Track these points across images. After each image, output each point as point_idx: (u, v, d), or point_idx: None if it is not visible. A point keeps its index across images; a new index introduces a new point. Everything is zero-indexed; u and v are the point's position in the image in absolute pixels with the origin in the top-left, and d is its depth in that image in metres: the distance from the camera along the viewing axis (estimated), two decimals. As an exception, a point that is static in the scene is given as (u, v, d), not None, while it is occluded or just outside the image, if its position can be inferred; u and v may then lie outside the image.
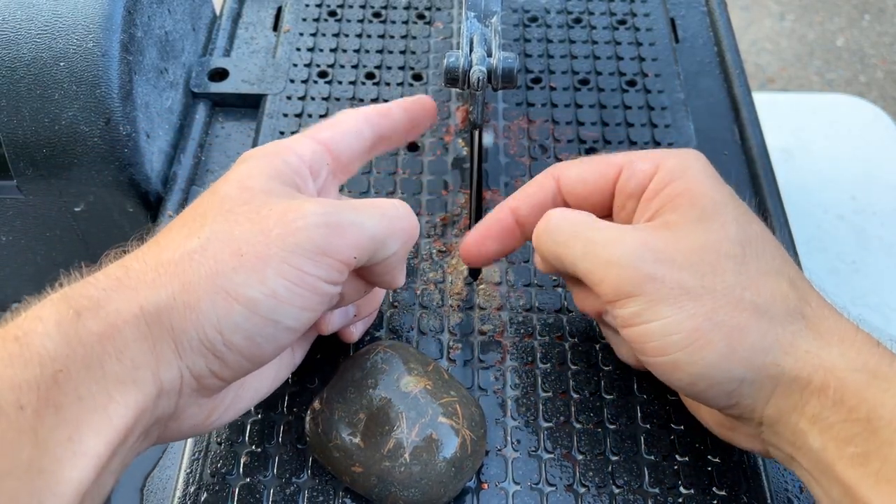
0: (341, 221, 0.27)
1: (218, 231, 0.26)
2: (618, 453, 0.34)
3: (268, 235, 0.26)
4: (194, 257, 0.26)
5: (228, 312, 0.25)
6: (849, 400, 0.26)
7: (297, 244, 0.26)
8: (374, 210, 0.29)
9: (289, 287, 0.26)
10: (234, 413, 0.30)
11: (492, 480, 0.33)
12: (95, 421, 0.23)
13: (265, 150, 0.30)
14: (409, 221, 0.30)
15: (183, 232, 0.27)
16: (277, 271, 0.26)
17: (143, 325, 0.24)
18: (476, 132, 0.38)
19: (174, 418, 0.27)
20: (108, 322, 0.24)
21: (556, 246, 0.31)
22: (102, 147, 0.41)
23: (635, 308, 0.28)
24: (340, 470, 0.32)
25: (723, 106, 0.50)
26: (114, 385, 0.23)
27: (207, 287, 0.25)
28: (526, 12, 0.54)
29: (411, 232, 0.31)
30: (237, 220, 0.27)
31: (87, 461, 0.22)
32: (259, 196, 0.28)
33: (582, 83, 0.50)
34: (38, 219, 0.45)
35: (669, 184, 0.30)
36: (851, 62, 1.72)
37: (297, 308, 0.26)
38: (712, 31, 0.54)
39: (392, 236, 0.29)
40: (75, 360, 0.23)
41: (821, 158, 0.79)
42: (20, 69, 0.39)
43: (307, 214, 0.27)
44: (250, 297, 0.25)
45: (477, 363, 0.37)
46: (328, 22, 0.53)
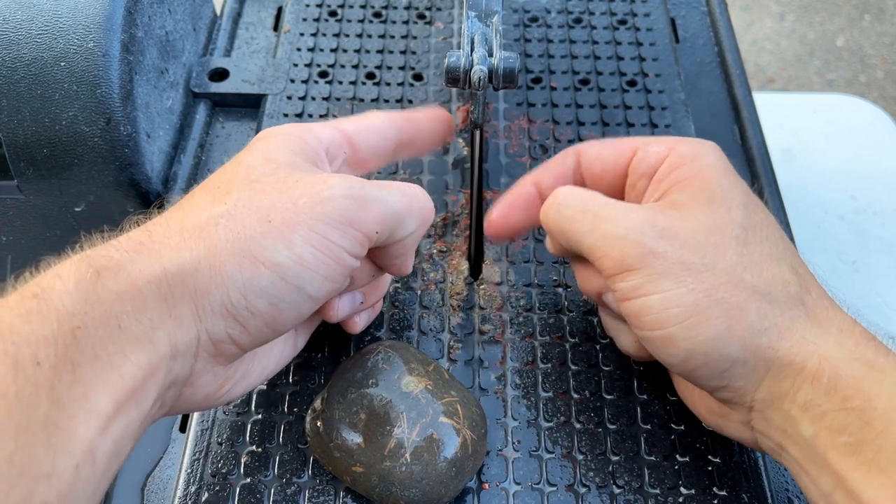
0: (366, 195, 0.28)
1: (245, 198, 0.27)
2: (618, 453, 0.34)
3: (296, 203, 0.27)
4: (220, 222, 0.26)
5: (255, 276, 0.25)
6: (843, 389, 0.26)
7: (324, 213, 0.27)
8: (396, 188, 0.30)
9: (315, 254, 0.26)
10: (243, 388, 0.30)
11: (492, 480, 0.33)
12: (109, 379, 0.23)
13: (286, 128, 0.31)
14: (426, 202, 0.31)
15: (208, 198, 0.27)
16: (304, 238, 0.26)
17: (165, 287, 0.24)
18: (477, 132, 0.38)
19: (189, 384, 0.27)
20: (128, 282, 0.24)
21: (563, 221, 0.32)
22: (103, 147, 0.41)
23: (636, 281, 0.29)
24: (341, 470, 0.32)
25: (723, 106, 0.50)
26: (129, 344, 0.23)
27: (234, 251, 0.25)
28: (526, 12, 0.54)
29: (428, 213, 0.32)
30: (264, 188, 0.27)
31: (97, 419, 0.22)
32: (284, 168, 0.28)
33: (582, 83, 0.50)
34: (39, 219, 0.45)
35: (680, 167, 0.31)
36: (852, 62, 1.72)
37: (321, 276, 0.27)
38: (713, 31, 0.54)
39: (411, 214, 0.30)
40: (94, 317, 0.23)
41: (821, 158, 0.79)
42: (21, 69, 0.39)
43: (334, 186, 0.27)
44: (278, 262, 0.26)
45: (477, 363, 0.37)
46: (328, 22, 0.53)
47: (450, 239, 0.42)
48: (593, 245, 0.30)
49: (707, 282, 0.28)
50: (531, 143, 0.46)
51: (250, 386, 0.31)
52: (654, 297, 0.28)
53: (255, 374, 0.31)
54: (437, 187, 0.44)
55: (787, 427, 0.27)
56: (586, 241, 0.31)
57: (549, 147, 0.46)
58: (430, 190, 0.44)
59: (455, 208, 0.43)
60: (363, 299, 0.34)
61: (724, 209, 0.29)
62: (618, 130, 0.47)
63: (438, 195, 0.44)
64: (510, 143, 0.46)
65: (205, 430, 0.35)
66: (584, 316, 0.39)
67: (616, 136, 0.47)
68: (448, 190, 0.44)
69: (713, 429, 0.32)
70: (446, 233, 0.42)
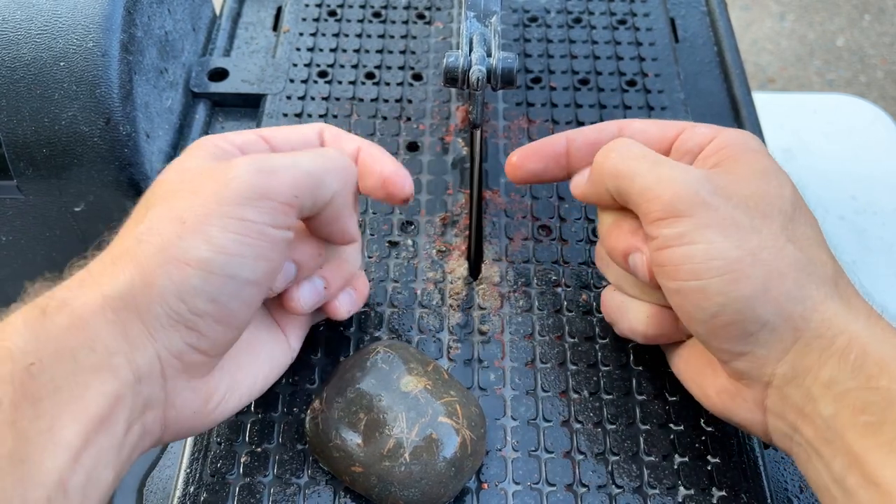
0: (273, 165, 0.28)
1: (160, 210, 0.27)
2: (617, 453, 0.34)
3: (205, 196, 0.27)
4: (142, 237, 0.26)
5: (184, 278, 0.25)
6: (869, 368, 0.26)
7: (232, 194, 0.27)
8: (309, 152, 0.30)
9: (236, 239, 0.26)
10: (238, 399, 0.30)
11: (492, 480, 0.33)
12: (73, 410, 0.23)
13: (199, 140, 0.32)
14: (343, 161, 0.31)
15: (130, 223, 0.28)
16: (220, 226, 0.26)
17: (110, 313, 0.25)
18: (476, 132, 0.38)
19: (170, 406, 0.27)
20: (74, 315, 0.24)
21: (622, 161, 0.31)
22: (102, 147, 0.41)
23: (683, 228, 0.29)
24: (340, 470, 0.32)
25: (723, 106, 0.50)
26: (89, 374, 0.24)
27: (159, 261, 0.25)
28: (526, 12, 0.54)
29: (349, 171, 0.31)
30: (176, 195, 0.27)
31: (66, 451, 0.23)
32: (193, 171, 0.29)
33: (582, 83, 0.50)
34: (38, 219, 0.45)
35: (730, 145, 0.31)
36: (852, 62, 1.72)
37: (251, 259, 0.27)
38: (712, 30, 0.54)
39: (328, 174, 0.30)
40: (47, 353, 0.23)
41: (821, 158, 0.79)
42: (20, 69, 0.39)
43: (238, 165, 0.27)
44: (202, 258, 0.26)
45: (477, 363, 0.37)
46: (328, 22, 0.53)
47: (449, 239, 0.42)
48: (647, 186, 0.30)
49: (753, 242, 0.28)
50: (531, 142, 0.46)
51: (246, 396, 0.31)
52: (698, 247, 0.28)
53: (247, 384, 0.31)
54: (436, 187, 0.44)
55: (806, 405, 0.27)
56: (640, 182, 0.30)
57: (549, 147, 0.46)
58: (429, 190, 0.44)
59: (454, 208, 0.43)
60: (326, 284, 0.34)
61: (776, 183, 0.30)
62: (617, 130, 0.47)
63: (438, 195, 0.44)
64: (510, 144, 0.46)
65: (204, 429, 0.35)
66: (584, 316, 0.39)
67: (615, 136, 0.47)
68: (447, 190, 0.44)
69: (720, 414, 0.32)
70: (446, 233, 0.42)
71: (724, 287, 0.28)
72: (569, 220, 0.43)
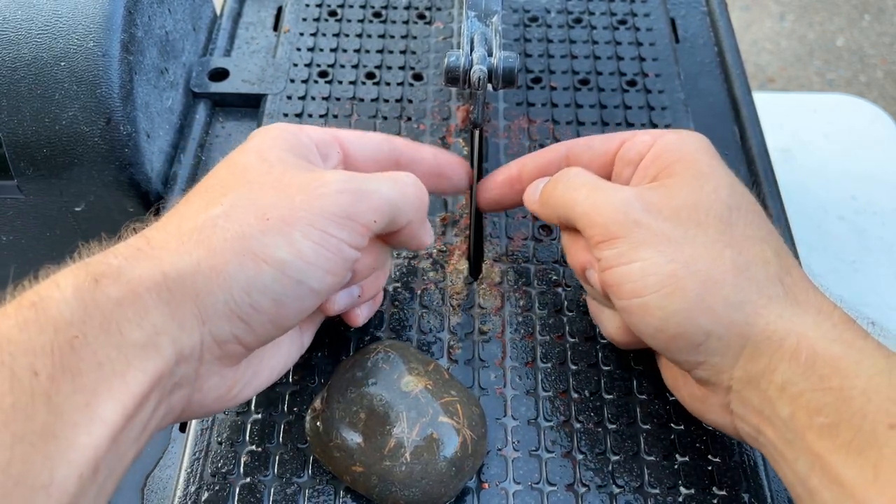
0: (361, 188, 0.29)
1: (241, 198, 0.27)
2: (618, 453, 0.34)
3: (292, 201, 0.27)
4: (218, 222, 0.26)
5: (258, 274, 0.26)
6: (821, 368, 0.25)
7: (321, 208, 0.27)
8: (388, 178, 0.31)
9: (315, 249, 0.27)
10: (254, 389, 0.31)
11: (492, 480, 0.33)
12: (114, 387, 0.23)
13: (278, 126, 0.32)
14: (418, 188, 0.32)
15: (204, 201, 0.28)
16: (304, 233, 0.27)
17: (165, 291, 0.24)
18: (476, 132, 0.38)
19: (197, 389, 0.27)
20: (128, 288, 0.24)
21: (567, 190, 0.33)
22: (103, 147, 0.41)
23: (619, 249, 0.29)
24: (341, 469, 0.32)
25: (723, 106, 0.50)
26: (133, 351, 0.23)
27: (234, 250, 0.26)
28: (526, 12, 0.54)
29: (422, 197, 0.32)
30: (260, 188, 0.28)
31: (103, 428, 0.22)
32: (278, 166, 0.29)
33: (582, 83, 0.50)
34: (39, 219, 0.45)
35: (666, 153, 0.32)
36: (851, 62, 1.72)
37: (323, 270, 0.27)
38: (712, 31, 0.54)
39: (406, 202, 0.31)
40: (93, 325, 0.23)
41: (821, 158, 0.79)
42: (20, 69, 0.39)
43: (329, 182, 0.28)
44: (279, 258, 0.26)
45: (477, 363, 0.37)
46: (328, 22, 0.53)
47: (450, 239, 0.42)
48: (585, 213, 0.31)
49: (686, 253, 0.28)
50: (531, 142, 0.46)
51: (260, 386, 0.31)
52: (634, 266, 0.29)
53: (265, 375, 0.31)
54: None
55: (765, 408, 0.27)
56: (579, 210, 0.31)
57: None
58: (429, 190, 0.44)
59: (455, 208, 0.43)
60: (360, 292, 0.34)
61: (709, 188, 0.30)
62: (617, 130, 0.47)
63: (438, 195, 0.44)
64: (510, 143, 0.46)
65: (204, 429, 0.35)
66: (584, 316, 0.39)
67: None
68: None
69: (696, 416, 0.32)
70: (446, 233, 0.42)
71: (662, 301, 0.28)
72: (569, 219, 0.43)
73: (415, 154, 0.36)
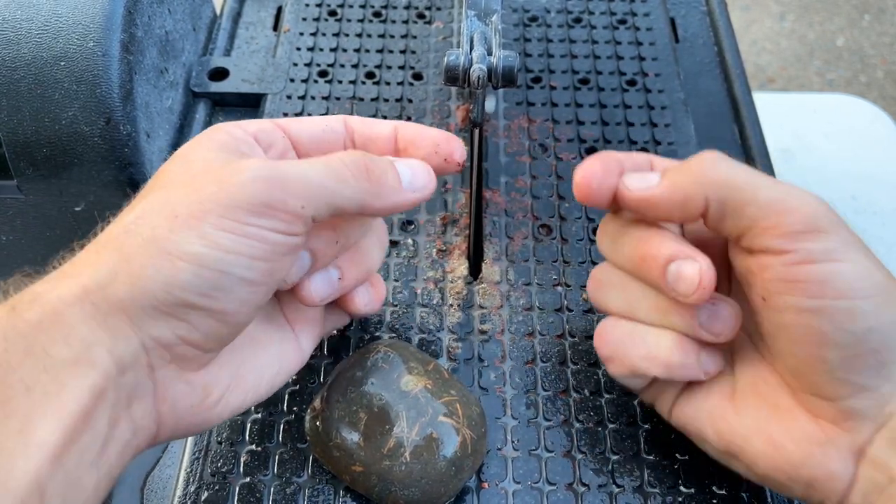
0: (282, 174, 0.26)
1: (153, 201, 0.26)
2: (618, 452, 0.34)
3: (202, 194, 0.26)
4: (130, 228, 0.25)
5: (175, 272, 0.25)
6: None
7: (232, 199, 0.25)
8: (320, 161, 0.28)
9: (231, 238, 0.25)
10: (240, 399, 0.29)
11: (492, 479, 0.33)
12: (48, 409, 0.22)
13: (213, 126, 0.30)
14: (358, 167, 0.29)
15: (123, 213, 0.27)
16: (215, 225, 0.25)
17: (89, 305, 0.24)
18: (476, 131, 0.38)
19: (162, 399, 0.26)
20: (48, 309, 0.23)
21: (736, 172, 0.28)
22: (103, 147, 0.41)
23: (828, 245, 0.26)
24: (340, 469, 0.32)
25: (723, 106, 0.50)
26: (64, 370, 0.23)
27: (148, 252, 0.25)
28: (526, 12, 0.54)
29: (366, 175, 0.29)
30: (174, 188, 0.26)
31: (41, 451, 0.22)
32: (197, 164, 0.27)
33: (582, 82, 0.50)
34: (39, 218, 0.45)
35: None
36: (852, 62, 1.72)
37: (247, 258, 0.26)
38: (712, 30, 0.54)
39: (342, 181, 0.28)
40: (16, 352, 0.22)
41: (821, 158, 0.79)
42: (20, 69, 0.39)
43: (243, 170, 0.26)
44: (193, 252, 0.25)
45: (477, 362, 0.37)
46: (328, 21, 0.53)
47: (449, 238, 0.42)
48: (776, 199, 0.27)
49: (882, 271, 0.27)
50: (531, 142, 0.46)
51: (252, 394, 0.30)
52: (846, 265, 0.26)
53: (251, 381, 0.30)
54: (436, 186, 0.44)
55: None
56: (766, 194, 0.27)
57: (549, 146, 0.46)
58: (429, 189, 0.44)
59: (455, 208, 0.43)
60: (340, 274, 0.32)
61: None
62: (617, 130, 0.47)
63: (438, 194, 0.44)
64: (510, 143, 0.46)
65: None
66: (584, 315, 0.39)
67: (616, 135, 0.47)
68: (447, 189, 0.44)
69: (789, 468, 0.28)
70: (446, 232, 0.42)
71: (876, 309, 0.26)
72: (569, 219, 0.43)
73: (370, 131, 0.33)
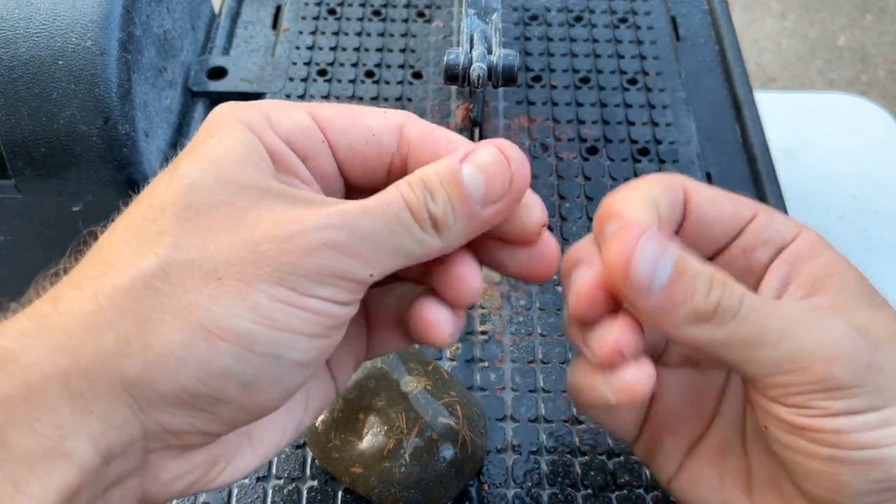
0: (355, 239, 0.21)
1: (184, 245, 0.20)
2: (619, 453, 0.34)
3: (254, 252, 0.20)
4: (153, 284, 0.19)
5: (214, 354, 0.19)
6: None
7: (294, 266, 0.20)
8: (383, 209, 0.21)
9: (288, 311, 0.20)
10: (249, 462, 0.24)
11: (492, 481, 0.33)
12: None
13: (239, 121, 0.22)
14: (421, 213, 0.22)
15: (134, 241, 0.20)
16: (269, 295, 0.20)
17: (77, 380, 0.19)
18: (476, 130, 0.38)
19: (152, 480, 0.21)
20: (20, 380, 0.18)
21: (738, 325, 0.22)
22: (101, 146, 0.41)
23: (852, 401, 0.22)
24: (340, 471, 0.32)
25: (724, 105, 0.50)
26: (28, 467, 0.18)
27: (178, 325, 0.19)
28: (526, 11, 0.54)
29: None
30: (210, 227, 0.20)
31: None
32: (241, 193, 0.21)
33: (583, 81, 0.49)
34: (37, 218, 0.45)
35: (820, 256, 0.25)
36: (853, 61, 1.72)
37: (304, 336, 0.20)
38: (713, 29, 0.54)
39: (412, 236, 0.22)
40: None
41: (822, 158, 0.79)
42: (18, 68, 0.39)
43: (307, 230, 0.20)
44: (241, 331, 0.19)
45: (477, 363, 0.37)
46: (327, 20, 0.53)
47: (449, 238, 0.42)
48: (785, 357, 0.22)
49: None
50: (531, 141, 0.46)
51: (272, 451, 0.24)
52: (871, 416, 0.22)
53: (271, 440, 0.24)
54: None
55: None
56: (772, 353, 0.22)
57: (550, 146, 0.46)
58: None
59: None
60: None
61: (886, 316, 0.24)
62: (618, 129, 0.47)
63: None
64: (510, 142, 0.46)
65: (203, 430, 0.35)
66: (585, 315, 0.39)
67: (617, 134, 0.46)
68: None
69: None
70: (446, 232, 0.42)
71: None
72: (570, 219, 0.43)
73: (432, 148, 0.24)
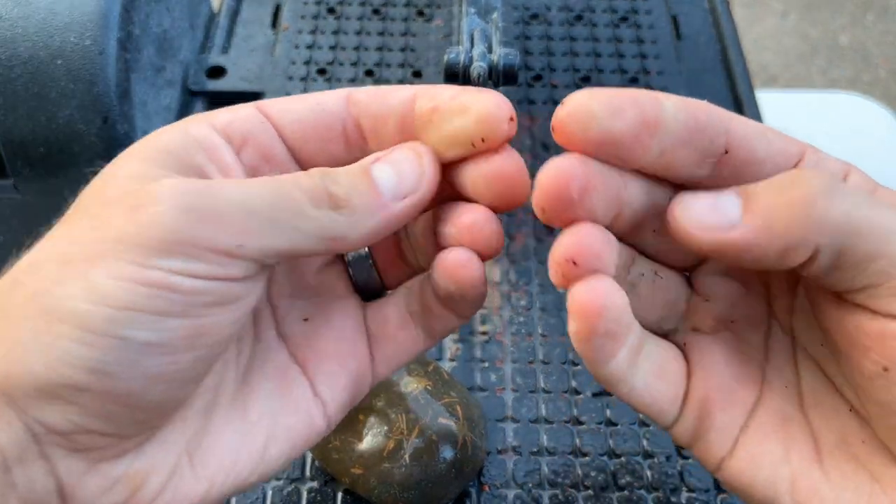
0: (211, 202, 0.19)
1: (55, 237, 0.20)
2: (620, 454, 0.34)
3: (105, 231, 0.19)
4: (19, 277, 0.19)
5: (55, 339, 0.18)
6: None
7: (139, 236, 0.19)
8: (267, 183, 0.20)
9: (128, 288, 0.18)
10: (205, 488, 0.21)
11: (492, 482, 0.33)
12: None
13: (167, 126, 0.22)
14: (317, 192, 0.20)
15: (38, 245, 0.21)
16: (108, 271, 0.18)
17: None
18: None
19: (70, 497, 0.19)
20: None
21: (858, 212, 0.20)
22: (99, 145, 0.41)
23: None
24: (340, 471, 0.32)
25: (726, 104, 0.50)
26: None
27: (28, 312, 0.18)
28: (527, 9, 0.54)
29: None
30: (79, 220, 0.20)
31: None
32: (117, 186, 0.20)
33: (584, 81, 0.49)
34: (35, 218, 0.45)
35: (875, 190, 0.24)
36: (855, 61, 1.72)
37: (150, 314, 0.18)
38: (715, 28, 0.54)
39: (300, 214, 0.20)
40: None
41: (823, 157, 0.79)
42: (17, 67, 0.39)
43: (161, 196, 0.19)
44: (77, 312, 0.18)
45: (477, 363, 0.37)
46: (327, 19, 0.53)
47: (449, 238, 0.42)
48: None
49: None
50: (532, 140, 0.46)
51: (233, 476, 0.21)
52: None
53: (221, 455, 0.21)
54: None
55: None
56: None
57: (551, 145, 0.46)
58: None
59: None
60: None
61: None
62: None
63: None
64: (511, 142, 0.46)
65: (202, 430, 0.34)
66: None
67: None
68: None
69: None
70: (446, 231, 0.42)
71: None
72: (570, 218, 0.42)
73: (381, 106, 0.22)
